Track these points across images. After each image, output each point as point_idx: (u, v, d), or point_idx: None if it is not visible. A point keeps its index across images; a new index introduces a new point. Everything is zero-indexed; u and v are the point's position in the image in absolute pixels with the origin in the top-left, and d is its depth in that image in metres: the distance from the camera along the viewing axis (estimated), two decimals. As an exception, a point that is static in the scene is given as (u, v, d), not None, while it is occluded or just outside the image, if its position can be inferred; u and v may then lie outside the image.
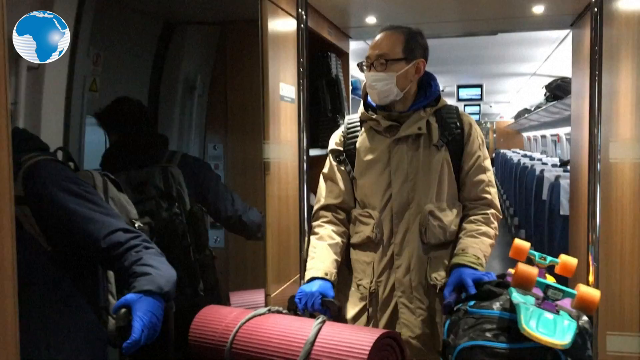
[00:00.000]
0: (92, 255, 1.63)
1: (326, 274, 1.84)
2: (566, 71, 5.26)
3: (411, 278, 1.90)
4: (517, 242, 1.79)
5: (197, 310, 1.78)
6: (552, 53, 4.90)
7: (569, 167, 5.23)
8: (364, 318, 1.94)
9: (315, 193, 3.45)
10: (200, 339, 1.67)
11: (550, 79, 6.03)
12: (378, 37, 1.95)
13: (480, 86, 7.86)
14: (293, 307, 1.79)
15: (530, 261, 1.75)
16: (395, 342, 1.51)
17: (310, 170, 2.26)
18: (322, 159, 3.59)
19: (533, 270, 1.45)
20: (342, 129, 2.09)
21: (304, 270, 1.95)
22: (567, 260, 1.75)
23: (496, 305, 1.52)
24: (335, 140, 2.08)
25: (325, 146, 3.46)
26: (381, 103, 1.94)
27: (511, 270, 1.73)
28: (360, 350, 1.41)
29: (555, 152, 9.56)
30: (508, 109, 13.23)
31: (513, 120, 13.10)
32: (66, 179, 1.61)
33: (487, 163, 1.97)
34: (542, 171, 4.98)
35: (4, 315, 1.04)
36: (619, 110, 2.24)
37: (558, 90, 5.70)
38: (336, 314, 1.76)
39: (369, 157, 1.96)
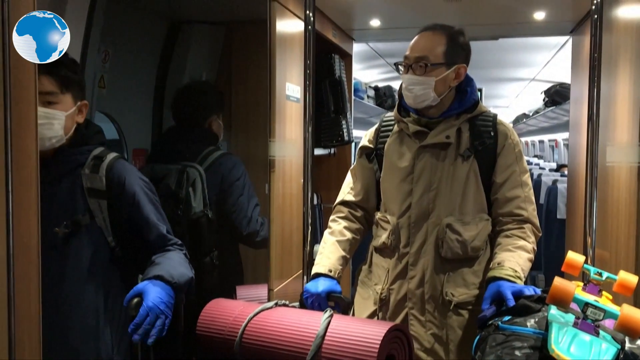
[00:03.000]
0: (142, 253, 1.75)
1: (330, 271, 1.84)
2: (565, 77, 5.31)
3: (424, 291, 1.83)
4: (571, 255, 1.59)
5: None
6: (552, 59, 4.94)
7: (566, 172, 5.28)
8: None
9: (315, 191, 3.50)
10: (209, 332, 1.70)
11: (549, 85, 6.07)
12: (418, 36, 1.84)
13: (480, 90, 7.90)
14: (305, 303, 1.80)
15: (584, 276, 1.61)
16: (403, 334, 1.53)
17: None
18: (324, 159, 3.67)
19: (570, 286, 1.30)
20: (376, 126, 2.01)
21: (307, 266, 1.98)
22: (626, 278, 1.52)
23: (531, 322, 1.40)
24: (368, 137, 2.01)
25: (327, 146, 3.54)
26: (416, 107, 1.85)
27: None
28: (371, 343, 1.43)
29: (553, 157, 9.62)
30: (507, 113, 13.28)
31: (511, 125, 13.17)
32: (145, 183, 1.76)
33: (526, 178, 1.84)
34: (539, 175, 5.02)
35: (29, 300, 1.08)
36: (617, 116, 2.28)
37: (557, 95, 5.72)
38: (346, 309, 1.76)
39: (394, 160, 1.89)
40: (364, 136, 2.04)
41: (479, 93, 7.51)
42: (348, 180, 2.04)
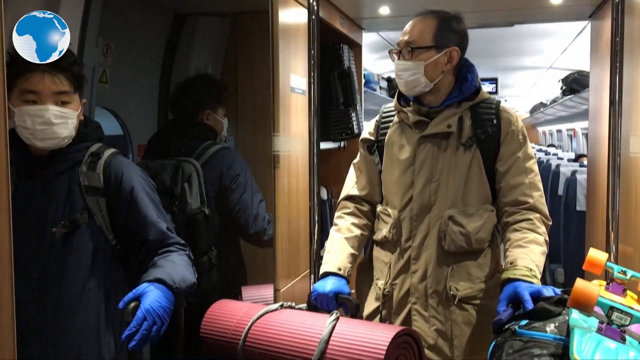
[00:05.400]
0: (142, 252, 1.70)
1: (339, 269, 1.79)
2: (583, 64, 5.18)
3: (427, 285, 1.78)
4: (593, 252, 1.50)
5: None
6: (569, 46, 4.82)
7: (585, 162, 5.15)
8: (377, 319, 1.87)
9: (325, 186, 3.43)
10: (212, 334, 1.66)
11: (567, 73, 5.94)
12: (410, 22, 1.82)
13: (495, 80, 7.76)
14: (313, 304, 1.75)
15: (607, 274, 1.53)
16: (412, 339, 1.47)
17: (321, 163, 2.21)
18: (333, 152, 3.58)
19: (593, 289, 1.20)
20: (376, 117, 1.96)
21: (315, 265, 1.91)
22: None
23: (550, 327, 1.31)
24: (369, 129, 1.96)
25: (336, 139, 3.46)
26: (409, 94, 1.81)
27: None
28: (377, 348, 1.38)
29: (571, 147, 9.45)
30: (523, 103, 13.08)
31: (528, 115, 12.93)
32: (143, 180, 1.72)
33: (531, 164, 1.78)
34: (557, 166, 4.89)
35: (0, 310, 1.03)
36: (639, 104, 2.17)
37: (575, 83, 5.60)
38: (354, 311, 1.71)
39: (395, 152, 1.84)
40: (365, 128, 1.99)
41: (494, 83, 7.35)
42: (352, 175, 1.99)
